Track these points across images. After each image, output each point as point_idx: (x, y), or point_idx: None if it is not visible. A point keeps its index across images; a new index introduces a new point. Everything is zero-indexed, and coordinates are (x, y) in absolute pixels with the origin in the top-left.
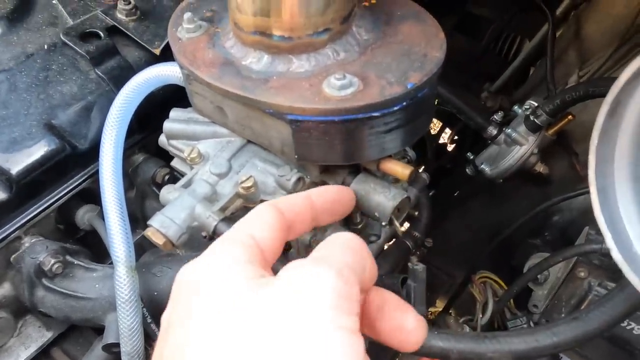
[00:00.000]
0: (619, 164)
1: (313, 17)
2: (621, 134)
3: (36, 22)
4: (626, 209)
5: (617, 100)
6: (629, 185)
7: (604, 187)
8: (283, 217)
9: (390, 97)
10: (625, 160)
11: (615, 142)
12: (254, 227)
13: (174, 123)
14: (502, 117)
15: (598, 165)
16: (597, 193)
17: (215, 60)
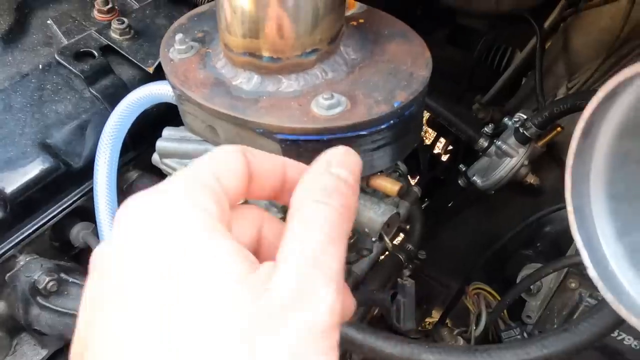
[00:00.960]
0: (594, 184)
1: (301, 39)
2: (596, 154)
3: (31, 42)
4: (602, 227)
5: (591, 122)
6: (605, 204)
7: (580, 206)
8: (250, 168)
9: (377, 116)
10: (601, 179)
11: (590, 162)
12: (220, 169)
13: (166, 142)
14: (493, 129)
15: (574, 185)
16: (573, 212)
17: (207, 80)
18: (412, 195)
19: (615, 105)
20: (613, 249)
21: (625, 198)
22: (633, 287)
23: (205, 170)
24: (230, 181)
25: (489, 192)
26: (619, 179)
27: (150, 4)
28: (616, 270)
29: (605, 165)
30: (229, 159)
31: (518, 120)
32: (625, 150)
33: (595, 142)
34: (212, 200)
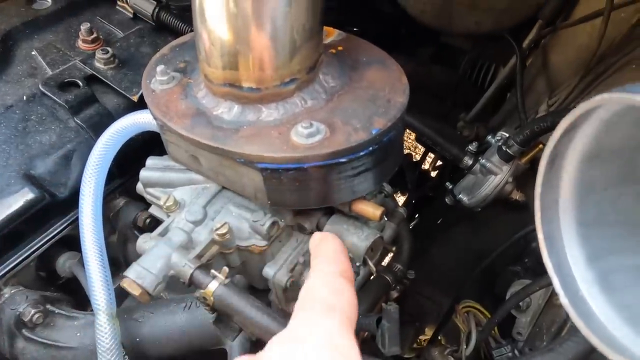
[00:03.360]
0: (563, 211)
1: (280, 69)
2: (563, 182)
3: (15, 74)
4: (572, 253)
5: (556, 151)
6: (574, 231)
7: (550, 232)
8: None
9: (356, 143)
10: (569, 206)
11: (558, 189)
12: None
13: (150, 171)
14: (477, 147)
15: (543, 211)
16: (544, 239)
17: (188, 111)
18: (397, 217)
19: (578, 135)
20: (584, 275)
21: (594, 224)
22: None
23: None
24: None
25: (476, 209)
26: (587, 206)
27: (134, 32)
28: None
29: (572, 192)
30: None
31: (500, 139)
32: (592, 178)
33: (561, 170)
34: (356, 349)
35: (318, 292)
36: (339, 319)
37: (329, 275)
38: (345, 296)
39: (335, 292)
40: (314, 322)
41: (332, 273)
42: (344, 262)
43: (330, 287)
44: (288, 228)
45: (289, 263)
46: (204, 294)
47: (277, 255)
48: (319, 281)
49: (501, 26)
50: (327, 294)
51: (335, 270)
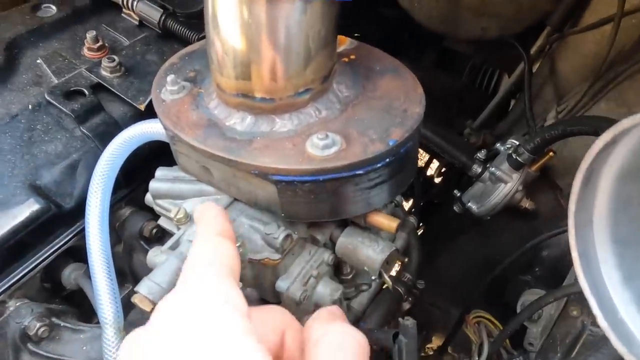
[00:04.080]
0: (598, 228)
1: (294, 79)
2: (598, 200)
3: (20, 82)
4: (609, 273)
5: (591, 169)
6: (609, 249)
7: (585, 251)
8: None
9: (373, 155)
10: (604, 223)
11: (592, 207)
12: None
13: (160, 182)
14: (486, 154)
15: (577, 230)
16: (579, 258)
17: (199, 121)
18: (408, 226)
19: (615, 152)
20: (621, 295)
21: (629, 241)
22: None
23: (227, 261)
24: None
25: (485, 217)
26: (622, 223)
27: (140, 40)
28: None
29: (607, 209)
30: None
31: (510, 147)
32: (627, 194)
33: (596, 187)
34: (240, 295)
35: (198, 251)
36: (217, 269)
37: (207, 235)
38: (224, 251)
39: (214, 248)
40: (195, 276)
41: (210, 233)
42: (222, 223)
43: (209, 245)
44: (301, 240)
45: (302, 276)
46: None
47: (290, 269)
48: (199, 242)
49: (508, 32)
50: (206, 251)
51: (213, 230)
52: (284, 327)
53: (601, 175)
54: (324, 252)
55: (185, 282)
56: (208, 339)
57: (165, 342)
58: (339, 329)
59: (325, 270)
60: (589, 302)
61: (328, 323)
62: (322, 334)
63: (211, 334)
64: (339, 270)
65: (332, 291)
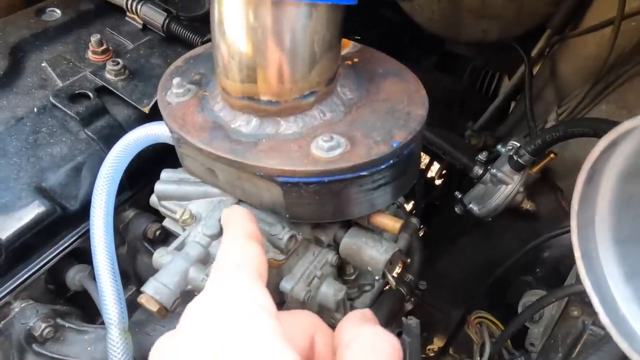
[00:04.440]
0: (600, 228)
1: (299, 82)
2: (600, 200)
3: (25, 86)
4: (611, 271)
5: (594, 169)
6: (611, 248)
7: (587, 250)
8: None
9: (377, 156)
10: (606, 223)
11: (595, 207)
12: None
13: (165, 184)
14: (487, 156)
15: (580, 230)
16: (581, 257)
17: (205, 124)
18: (411, 227)
19: (617, 153)
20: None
21: (631, 240)
22: None
23: (256, 263)
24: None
25: (487, 219)
26: (624, 222)
27: (144, 43)
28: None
29: (609, 209)
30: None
31: (512, 148)
32: (629, 194)
33: (598, 187)
34: (269, 297)
35: (227, 253)
36: (246, 271)
37: (236, 237)
38: (252, 253)
39: (242, 251)
40: (224, 278)
41: (238, 235)
42: (249, 225)
43: (237, 247)
44: (305, 241)
45: (307, 277)
46: None
47: (294, 269)
48: (227, 244)
49: (508, 35)
50: (235, 253)
51: (241, 232)
52: (314, 331)
53: (603, 176)
54: (328, 253)
55: (214, 284)
56: (238, 340)
57: (196, 345)
58: (370, 331)
59: (329, 271)
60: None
61: (360, 326)
62: (354, 337)
63: (242, 335)
64: (342, 270)
65: (336, 291)
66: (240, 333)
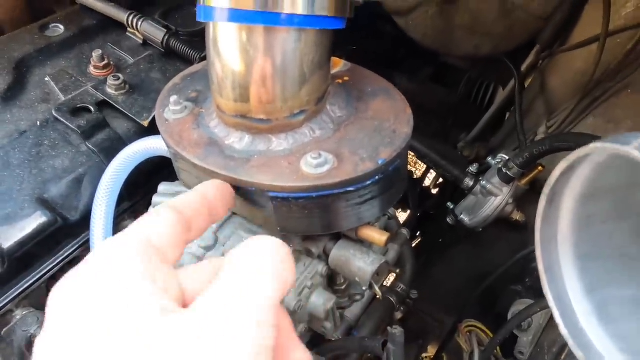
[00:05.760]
0: (561, 245)
1: (289, 102)
2: (561, 220)
3: (29, 100)
4: (572, 285)
5: (554, 191)
6: (572, 264)
7: (550, 265)
8: (182, 215)
9: (363, 173)
10: (567, 241)
11: (556, 226)
12: (150, 228)
13: (162, 197)
14: (478, 168)
15: (543, 245)
16: (544, 271)
17: (200, 140)
18: (401, 238)
19: (574, 176)
20: (582, 306)
21: (592, 257)
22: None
23: (137, 238)
24: (162, 230)
25: (477, 229)
26: (585, 240)
27: (144, 58)
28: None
29: (570, 227)
30: (161, 214)
31: (501, 161)
32: (588, 214)
33: (559, 207)
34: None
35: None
36: (131, 240)
37: (159, 209)
38: (161, 224)
39: (146, 222)
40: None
41: (164, 206)
42: (193, 203)
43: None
44: (296, 253)
45: (297, 287)
46: None
47: None
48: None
49: (500, 50)
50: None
51: (171, 205)
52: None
53: (563, 197)
54: (318, 264)
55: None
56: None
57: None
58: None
59: (319, 281)
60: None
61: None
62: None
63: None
64: (332, 280)
65: (326, 301)
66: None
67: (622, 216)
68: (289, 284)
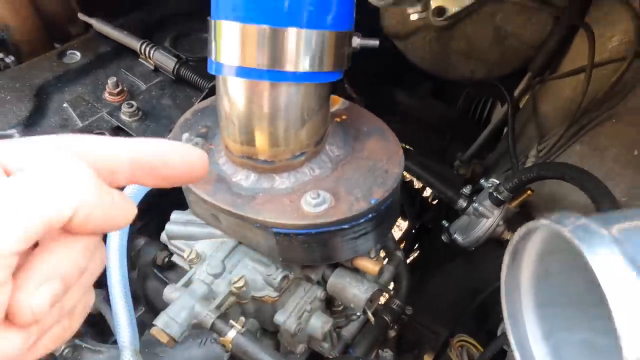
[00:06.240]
0: (523, 294)
1: (291, 145)
2: (522, 273)
3: (49, 125)
4: (531, 330)
5: (515, 250)
6: (532, 311)
7: (513, 312)
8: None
9: (357, 212)
10: (528, 291)
11: (519, 278)
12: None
13: (174, 225)
14: (471, 189)
15: (507, 295)
16: (508, 317)
17: (210, 177)
18: (396, 260)
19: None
20: (540, 349)
21: (548, 305)
22: None
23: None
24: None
25: (470, 248)
26: (543, 290)
27: (156, 84)
28: None
29: (531, 279)
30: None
31: (492, 185)
32: (546, 267)
33: (521, 263)
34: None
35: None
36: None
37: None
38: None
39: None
40: None
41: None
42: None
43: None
44: (297, 279)
45: (297, 311)
46: (223, 340)
47: (287, 304)
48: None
49: (494, 75)
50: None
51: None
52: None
53: (524, 255)
54: (317, 290)
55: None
56: None
57: None
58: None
59: (318, 305)
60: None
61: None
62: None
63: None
64: (330, 302)
65: (323, 324)
66: None
67: (574, 269)
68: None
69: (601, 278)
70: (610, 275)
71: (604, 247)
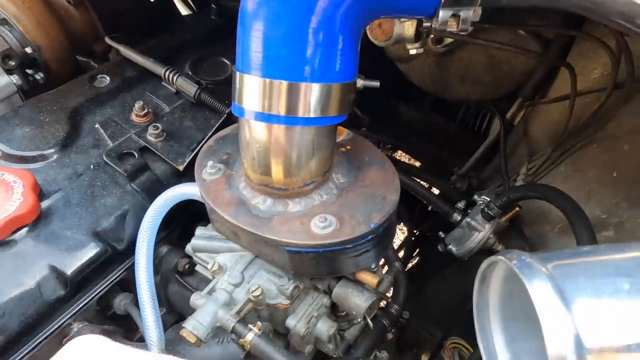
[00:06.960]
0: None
1: (302, 176)
2: (490, 293)
3: (83, 145)
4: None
5: (484, 274)
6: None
7: (483, 324)
8: None
9: (359, 234)
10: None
11: (487, 297)
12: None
13: (199, 240)
14: (465, 204)
15: (478, 310)
16: (478, 329)
17: (232, 200)
18: (394, 270)
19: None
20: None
21: (511, 319)
22: None
23: None
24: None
25: (463, 258)
26: (507, 307)
27: (178, 107)
28: None
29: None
30: None
31: (483, 202)
32: (510, 289)
33: (489, 285)
34: None
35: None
36: None
37: None
38: None
39: None
40: None
41: None
42: None
43: None
44: (306, 289)
45: (306, 316)
46: (242, 342)
47: (297, 310)
48: None
49: (488, 97)
50: None
51: None
52: None
53: (491, 279)
54: (323, 298)
55: None
56: None
57: None
58: None
59: (324, 311)
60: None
61: None
62: None
63: None
64: (335, 308)
65: (329, 328)
66: None
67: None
68: None
69: (535, 302)
70: (541, 300)
71: (540, 279)
